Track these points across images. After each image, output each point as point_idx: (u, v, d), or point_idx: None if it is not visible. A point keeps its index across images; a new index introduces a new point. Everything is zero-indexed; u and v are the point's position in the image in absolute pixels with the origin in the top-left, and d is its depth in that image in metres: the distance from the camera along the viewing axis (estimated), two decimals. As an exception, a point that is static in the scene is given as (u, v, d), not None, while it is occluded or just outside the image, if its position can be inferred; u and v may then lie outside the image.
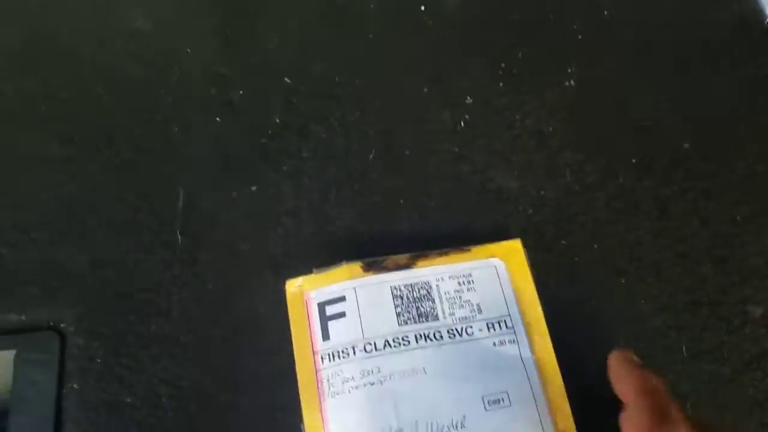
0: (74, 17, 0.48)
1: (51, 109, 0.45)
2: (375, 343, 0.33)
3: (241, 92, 0.45)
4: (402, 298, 0.34)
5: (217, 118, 0.44)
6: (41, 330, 0.39)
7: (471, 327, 0.33)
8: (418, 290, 0.35)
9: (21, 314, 0.39)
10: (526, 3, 0.47)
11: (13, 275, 0.40)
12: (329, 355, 0.33)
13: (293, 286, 0.36)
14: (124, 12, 0.48)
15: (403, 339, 0.33)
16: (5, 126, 0.45)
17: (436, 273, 0.35)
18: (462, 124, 0.44)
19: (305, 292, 0.36)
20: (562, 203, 0.41)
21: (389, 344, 0.33)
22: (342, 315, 0.34)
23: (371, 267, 0.36)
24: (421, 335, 0.33)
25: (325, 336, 0.34)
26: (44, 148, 0.44)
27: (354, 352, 0.32)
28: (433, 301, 0.34)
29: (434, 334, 0.33)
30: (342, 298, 0.35)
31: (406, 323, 0.33)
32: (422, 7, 0.47)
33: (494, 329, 0.33)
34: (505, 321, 0.34)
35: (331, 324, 0.34)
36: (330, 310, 0.35)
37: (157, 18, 0.48)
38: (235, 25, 0.47)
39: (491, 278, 0.35)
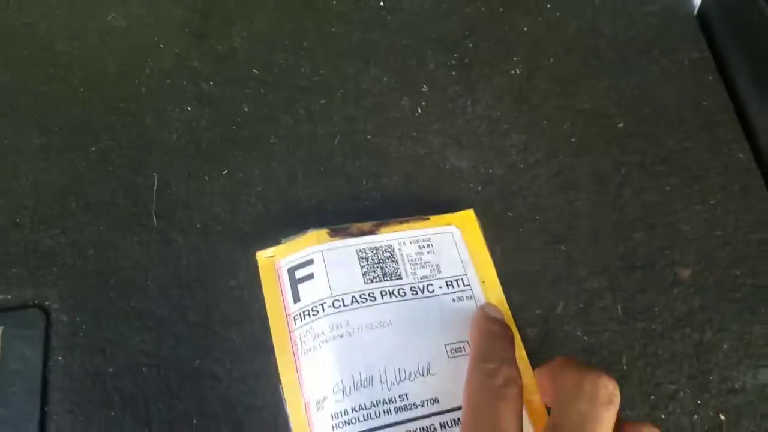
0: (51, 14, 0.51)
1: (30, 101, 0.48)
2: (343, 300, 0.35)
3: (212, 83, 0.48)
4: (367, 260, 0.37)
5: (189, 108, 0.47)
6: (27, 308, 0.42)
7: (431, 285, 0.36)
8: (382, 252, 0.38)
9: (7, 294, 0.42)
10: (476, -2, 0.51)
11: (-2, 258, 0.43)
12: (300, 315, 0.35)
13: (264, 256, 0.39)
14: (99, 9, 0.51)
15: (369, 295, 0.35)
16: (-14, 119, 0.47)
17: (398, 237, 0.38)
18: (419, 110, 0.47)
19: (276, 261, 0.38)
20: (509, 180, 0.44)
21: (356, 300, 0.35)
22: (311, 276, 0.36)
23: (337, 233, 0.38)
24: (386, 292, 0.35)
25: (296, 298, 0.36)
26: (24, 138, 0.46)
27: (323, 309, 0.35)
28: (396, 262, 0.37)
29: (398, 291, 0.36)
30: (310, 261, 0.37)
31: (372, 281, 0.36)
32: (381, 3, 0.51)
33: (453, 287, 0.36)
34: (462, 279, 0.37)
35: (300, 287, 0.36)
36: (299, 273, 0.37)
37: (131, 15, 0.50)
38: (205, 21, 0.50)
39: (448, 242, 0.39)
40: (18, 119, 0.47)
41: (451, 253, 0.38)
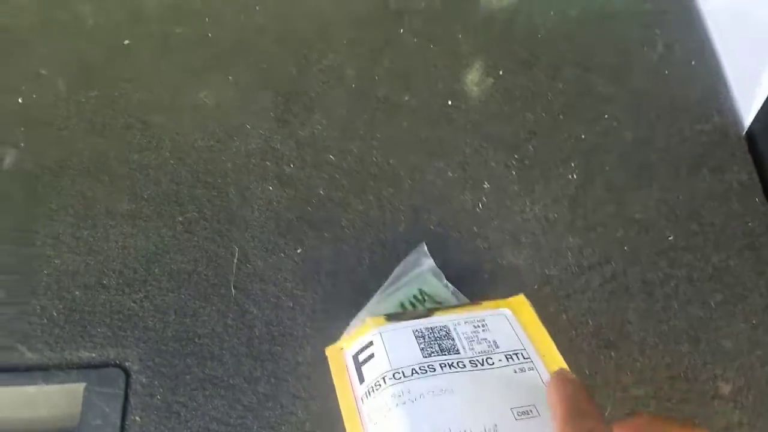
0: (146, 88, 0.55)
1: (122, 167, 0.52)
2: (402, 372, 0.35)
3: (292, 165, 0.52)
4: (424, 338, 0.38)
5: (270, 187, 0.51)
6: (109, 367, 0.45)
7: (491, 358, 0.36)
8: (438, 331, 0.38)
9: (91, 352, 0.45)
10: (538, 103, 0.55)
11: (84, 316, 0.46)
12: (366, 393, 0.36)
13: (333, 351, 0.41)
14: (192, 87, 0.55)
15: (428, 367, 0.36)
16: (81, 181, 0.51)
17: (453, 319, 0.39)
18: (480, 205, 0.51)
19: (344, 353, 0.41)
20: (564, 282, 0.47)
21: (416, 371, 0.35)
22: (372, 356, 0.38)
23: (392, 318, 0.40)
24: (445, 364, 0.36)
25: (361, 379, 0.37)
26: (116, 203, 0.50)
27: (385, 382, 0.35)
28: (453, 339, 0.38)
29: (457, 363, 0.36)
30: (370, 343, 0.38)
31: (430, 356, 0.36)
32: (449, 102, 0.55)
33: (512, 360, 0.36)
34: (521, 353, 0.37)
35: (364, 368, 0.37)
36: (362, 357, 0.38)
37: (221, 96, 0.55)
38: (288, 107, 0.54)
39: (503, 323, 0.39)
40: (111, 185, 0.51)
41: (506, 331, 0.39)
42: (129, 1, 0.59)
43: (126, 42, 0.57)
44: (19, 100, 0.55)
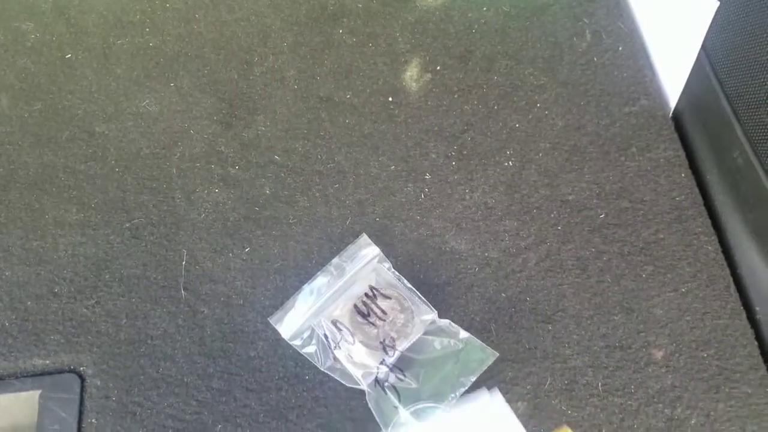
0: (89, 98, 0.56)
1: (69, 178, 0.53)
2: None
3: (237, 167, 0.53)
4: None
5: (216, 189, 0.52)
6: (63, 373, 0.45)
7: None
8: None
9: (45, 359, 0.46)
10: (474, 96, 0.57)
11: (37, 325, 0.47)
12: None
13: None
14: (134, 95, 0.56)
15: None
16: (28, 193, 0.52)
17: None
18: (422, 196, 0.53)
19: None
20: (502, 263, 0.49)
21: None
22: None
23: None
24: None
25: None
26: (63, 213, 0.51)
27: None
28: None
29: None
30: None
31: None
32: (390, 98, 0.57)
33: None
34: None
35: None
36: None
37: (164, 102, 0.56)
38: (232, 110, 0.56)
39: None
40: (58, 195, 0.52)
41: None
42: (69, 16, 0.60)
43: (68, 56, 0.58)
44: (-37, 118, 0.55)
